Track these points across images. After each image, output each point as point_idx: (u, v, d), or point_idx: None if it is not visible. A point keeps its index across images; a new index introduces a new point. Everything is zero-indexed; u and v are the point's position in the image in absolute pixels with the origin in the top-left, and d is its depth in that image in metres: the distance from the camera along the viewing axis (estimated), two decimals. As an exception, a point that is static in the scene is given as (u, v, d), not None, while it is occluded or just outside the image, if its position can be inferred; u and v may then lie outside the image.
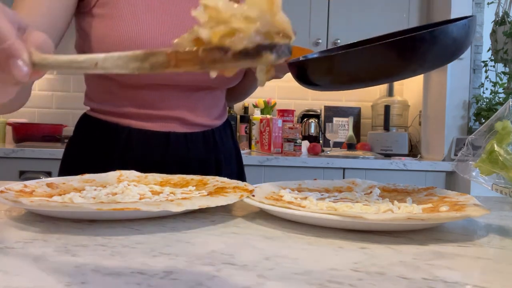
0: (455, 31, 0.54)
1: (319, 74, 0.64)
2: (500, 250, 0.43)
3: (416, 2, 2.39)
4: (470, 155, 0.69)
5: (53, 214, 0.49)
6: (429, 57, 0.55)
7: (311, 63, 0.67)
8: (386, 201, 0.58)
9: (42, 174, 1.98)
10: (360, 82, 0.62)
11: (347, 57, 0.60)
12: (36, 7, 0.73)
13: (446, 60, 0.58)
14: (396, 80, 0.62)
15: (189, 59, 0.31)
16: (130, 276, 0.32)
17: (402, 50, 0.55)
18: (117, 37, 0.77)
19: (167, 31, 0.80)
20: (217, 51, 0.30)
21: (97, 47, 0.79)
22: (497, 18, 2.10)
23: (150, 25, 0.79)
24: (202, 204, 0.49)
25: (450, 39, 0.54)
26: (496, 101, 2.11)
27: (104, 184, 0.66)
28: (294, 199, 0.59)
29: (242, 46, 0.29)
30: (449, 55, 0.57)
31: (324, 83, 0.65)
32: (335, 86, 0.66)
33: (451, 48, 0.56)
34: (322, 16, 2.39)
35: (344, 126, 2.62)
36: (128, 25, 0.78)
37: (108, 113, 0.87)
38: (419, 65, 0.56)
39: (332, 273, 0.34)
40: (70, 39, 0.89)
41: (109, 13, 0.79)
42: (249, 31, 0.30)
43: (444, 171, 2.11)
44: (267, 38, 0.30)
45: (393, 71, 0.58)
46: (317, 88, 0.66)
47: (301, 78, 0.66)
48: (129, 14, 0.79)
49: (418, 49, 0.54)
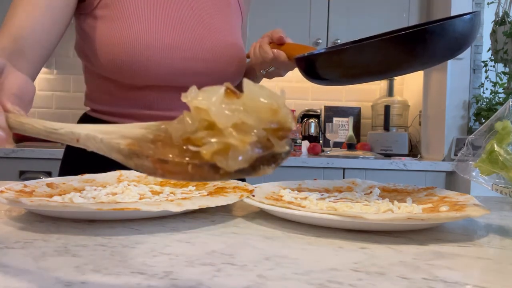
0: (462, 25, 0.56)
1: (330, 68, 0.64)
2: (500, 250, 0.43)
3: (416, 2, 2.39)
4: (470, 155, 0.68)
5: (53, 214, 0.49)
6: (438, 50, 0.57)
7: (322, 57, 0.68)
8: (386, 201, 0.58)
9: (42, 174, 1.98)
10: (370, 75, 0.63)
11: (360, 50, 0.60)
12: (36, 4, 0.72)
13: (454, 53, 0.59)
14: (404, 73, 0.62)
15: (178, 172, 0.27)
16: (130, 276, 0.32)
17: (414, 43, 0.56)
18: (120, 38, 0.77)
19: (170, 33, 0.80)
20: (208, 169, 0.27)
21: (99, 49, 0.79)
22: (497, 18, 2.10)
23: (153, 26, 0.79)
24: (202, 204, 0.49)
25: (458, 32, 0.56)
26: (496, 101, 2.11)
27: (104, 184, 0.66)
28: (294, 199, 0.59)
29: (236, 167, 0.26)
30: (457, 47, 0.58)
31: (334, 77, 0.65)
32: (344, 80, 0.67)
33: (459, 41, 0.57)
34: (322, 16, 2.39)
35: (344, 126, 2.62)
36: (132, 26, 0.77)
37: (109, 114, 0.87)
38: (429, 57, 0.58)
39: (332, 273, 0.34)
40: (70, 40, 0.89)
41: (112, 14, 0.79)
42: (244, 148, 0.26)
43: (444, 171, 2.11)
44: (265, 147, 0.27)
45: (404, 63, 0.59)
46: (325, 83, 0.67)
47: (310, 73, 0.66)
48: (132, 15, 0.78)
49: (429, 42, 0.56)
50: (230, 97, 0.28)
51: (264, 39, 0.85)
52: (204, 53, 0.83)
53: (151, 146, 0.29)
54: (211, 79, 0.85)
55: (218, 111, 0.27)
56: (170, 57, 0.79)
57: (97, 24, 0.79)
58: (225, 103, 0.27)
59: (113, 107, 0.86)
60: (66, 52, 2.57)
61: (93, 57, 0.81)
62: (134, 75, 0.78)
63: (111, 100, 0.85)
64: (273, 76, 0.88)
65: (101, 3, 0.79)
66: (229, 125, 0.26)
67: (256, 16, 2.35)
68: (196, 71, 0.83)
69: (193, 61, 0.82)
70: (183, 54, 0.81)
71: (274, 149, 0.27)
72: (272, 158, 0.27)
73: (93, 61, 0.81)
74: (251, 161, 0.26)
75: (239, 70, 0.89)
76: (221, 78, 0.86)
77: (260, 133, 0.27)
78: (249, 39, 2.01)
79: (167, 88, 0.83)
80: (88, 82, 0.90)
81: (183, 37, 0.81)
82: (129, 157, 0.29)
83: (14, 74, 0.38)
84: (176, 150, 0.28)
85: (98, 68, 0.81)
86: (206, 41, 0.84)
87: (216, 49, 0.84)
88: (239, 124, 0.27)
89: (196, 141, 0.27)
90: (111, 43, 0.77)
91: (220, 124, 0.26)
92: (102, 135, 0.30)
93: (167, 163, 0.27)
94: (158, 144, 0.29)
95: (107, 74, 0.81)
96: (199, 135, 0.27)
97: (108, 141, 0.30)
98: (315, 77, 0.66)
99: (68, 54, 2.58)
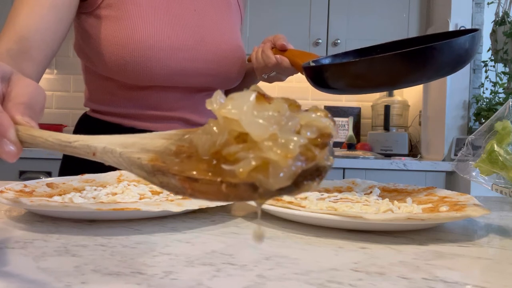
0: (467, 43, 0.60)
1: (339, 79, 0.67)
2: (500, 250, 0.43)
3: (416, 2, 2.39)
4: (470, 155, 0.68)
5: (53, 214, 0.49)
6: (444, 65, 0.61)
7: (332, 68, 0.70)
8: (386, 201, 0.58)
9: (42, 174, 1.98)
10: (377, 88, 0.68)
11: (370, 63, 0.63)
12: (40, 2, 0.71)
13: (458, 67, 0.63)
14: (412, 85, 0.66)
15: (210, 192, 0.24)
16: (130, 276, 0.32)
17: (423, 58, 0.59)
18: (124, 38, 0.77)
19: (172, 34, 0.80)
20: (245, 188, 0.23)
21: (103, 48, 0.78)
22: (497, 18, 2.10)
23: (156, 27, 0.79)
24: (202, 204, 0.49)
25: (463, 49, 0.61)
26: (496, 101, 2.11)
27: (104, 184, 0.66)
28: (294, 199, 0.59)
29: (277, 186, 0.23)
30: (461, 62, 0.63)
31: (342, 87, 0.68)
32: (350, 90, 0.70)
33: (463, 57, 0.62)
34: (322, 16, 2.39)
35: (344, 126, 2.62)
36: (136, 27, 0.78)
37: (110, 114, 0.86)
38: (436, 72, 0.62)
39: (332, 273, 0.34)
40: (70, 40, 0.89)
41: (116, 14, 0.78)
42: (286, 163, 0.22)
43: (444, 171, 2.11)
44: (307, 158, 0.23)
45: (412, 77, 0.63)
46: (331, 91, 0.69)
47: (317, 81, 0.69)
48: (136, 16, 0.78)
49: (437, 57, 0.60)
50: (261, 103, 0.24)
51: (267, 44, 0.86)
52: (207, 54, 0.83)
53: (175, 161, 0.26)
54: (213, 80, 0.86)
55: (252, 121, 0.23)
56: (173, 57, 0.80)
57: (99, 23, 0.79)
58: (257, 110, 0.24)
59: (115, 108, 0.86)
60: (66, 52, 2.57)
61: (95, 57, 0.81)
62: (137, 75, 0.78)
63: (113, 100, 0.85)
64: (274, 80, 0.90)
65: (103, 3, 0.79)
66: (265, 137, 0.23)
67: (256, 16, 2.35)
68: (198, 71, 0.83)
69: (196, 61, 0.82)
70: (185, 55, 0.81)
71: (317, 161, 0.23)
72: (316, 172, 0.24)
73: (94, 61, 0.81)
74: (294, 177, 0.23)
75: (240, 71, 0.90)
76: (223, 78, 0.87)
77: (301, 143, 0.23)
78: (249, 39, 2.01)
79: (169, 89, 0.83)
80: (89, 83, 0.90)
81: (186, 38, 0.81)
82: (152, 174, 0.26)
83: (22, 82, 0.35)
84: (204, 165, 0.25)
85: (100, 68, 0.81)
86: (208, 42, 0.84)
87: (218, 50, 0.85)
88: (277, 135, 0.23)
89: (228, 156, 0.24)
90: (115, 43, 0.77)
91: (256, 136, 0.23)
92: (121, 149, 0.28)
93: (197, 182, 0.24)
94: (183, 157, 0.26)
95: (109, 74, 0.81)
96: (232, 150, 0.24)
97: (128, 155, 0.27)
98: (322, 86, 0.69)
99: (68, 54, 2.58)
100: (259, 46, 0.88)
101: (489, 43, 2.13)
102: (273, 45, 0.85)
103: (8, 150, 0.31)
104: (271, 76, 0.88)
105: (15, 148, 0.31)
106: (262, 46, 0.87)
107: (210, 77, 0.85)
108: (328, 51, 2.38)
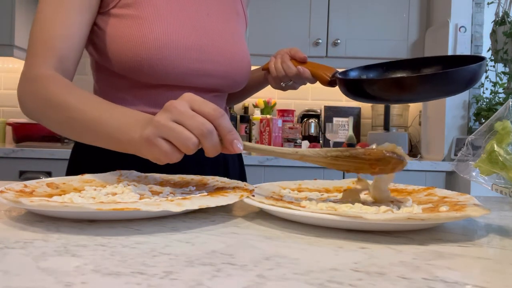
0: (479, 69, 0.74)
1: (374, 92, 0.80)
2: (500, 250, 0.43)
3: (416, 2, 2.39)
4: (470, 155, 0.69)
5: (53, 214, 0.49)
6: (461, 85, 0.75)
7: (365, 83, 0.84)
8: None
9: (42, 174, 1.98)
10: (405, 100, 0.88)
11: (405, 81, 0.77)
12: (72, 20, 0.76)
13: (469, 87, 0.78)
14: (431, 100, 0.85)
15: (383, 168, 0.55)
16: (130, 276, 0.32)
17: (448, 79, 0.74)
18: (141, 37, 0.79)
19: (186, 35, 0.82)
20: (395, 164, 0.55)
21: (118, 46, 0.80)
22: (497, 18, 2.10)
23: (173, 26, 0.81)
24: (202, 204, 0.49)
25: (476, 73, 0.74)
26: (496, 101, 2.11)
27: (104, 184, 0.66)
28: (294, 199, 0.59)
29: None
30: (472, 83, 0.76)
31: (372, 98, 0.83)
32: (380, 101, 0.88)
33: (474, 80, 0.75)
34: (322, 16, 2.39)
35: (344, 126, 2.62)
36: (152, 26, 0.80)
37: None
38: (454, 90, 0.77)
39: (332, 273, 0.34)
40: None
41: (132, 14, 0.80)
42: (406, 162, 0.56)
43: (444, 171, 2.11)
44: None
45: (434, 94, 0.78)
46: (360, 99, 0.85)
47: (351, 91, 0.84)
48: (152, 16, 0.81)
49: (459, 79, 0.74)
50: None
51: (286, 56, 0.96)
52: (216, 56, 0.87)
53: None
54: (221, 82, 0.89)
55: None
56: (186, 57, 0.82)
57: (116, 22, 0.81)
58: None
59: (124, 105, 0.86)
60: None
61: (109, 54, 0.82)
62: (151, 72, 0.80)
63: (123, 98, 0.86)
64: (289, 88, 1.00)
65: (120, 3, 0.81)
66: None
67: (256, 16, 2.35)
68: (208, 72, 0.86)
69: (206, 62, 0.85)
70: (198, 56, 0.84)
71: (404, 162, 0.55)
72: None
73: (110, 57, 0.82)
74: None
75: (246, 75, 0.94)
76: (231, 81, 0.90)
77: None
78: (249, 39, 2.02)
79: (179, 88, 0.85)
80: (99, 80, 0.90)
81: (199, 39, 0.84)
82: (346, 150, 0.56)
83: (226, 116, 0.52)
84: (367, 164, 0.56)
85: (113, 65, 0.82)
86: (219, 45, 0.87)
87: (227, 53, 0.88)
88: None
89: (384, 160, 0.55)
90: (132, 40, 0.79)
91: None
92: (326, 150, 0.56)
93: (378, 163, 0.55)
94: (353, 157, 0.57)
95: (124, 72, 0.82)
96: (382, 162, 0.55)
97: (330, 153, 0.57)
98: (355, 95, 0.83)
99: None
100: (276, 57, 0.97)
101: (489, 43, 2.13)
102: (292, 57, 0.95)
103: (241, 147, 0.54)
104: (289, 85, 0.98)
105: (242, 146, 0.55)
106: (280, 57, 0.96)
107: (218, 79, 0.88)
108: (328, 51, 2.38)
